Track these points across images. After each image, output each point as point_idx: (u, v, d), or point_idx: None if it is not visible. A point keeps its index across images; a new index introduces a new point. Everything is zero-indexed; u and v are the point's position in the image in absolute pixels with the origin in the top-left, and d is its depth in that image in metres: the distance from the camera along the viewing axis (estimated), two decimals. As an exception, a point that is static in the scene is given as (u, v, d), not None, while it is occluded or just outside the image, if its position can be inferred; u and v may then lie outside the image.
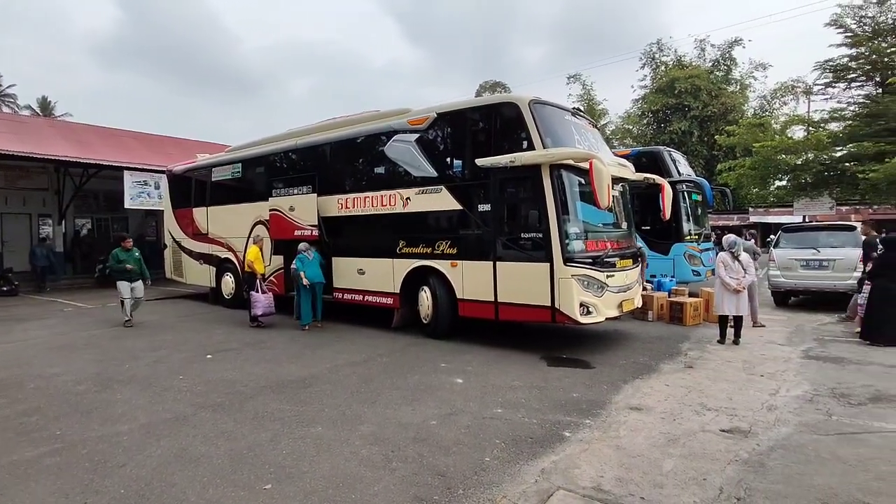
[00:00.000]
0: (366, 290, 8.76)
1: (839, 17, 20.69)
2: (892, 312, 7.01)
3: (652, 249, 11.49)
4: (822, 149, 20.10)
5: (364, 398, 5.16)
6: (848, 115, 20.66)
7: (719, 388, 5.45)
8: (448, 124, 7.70)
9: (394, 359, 6.76)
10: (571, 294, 6.38)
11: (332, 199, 9.14)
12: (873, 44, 19.80)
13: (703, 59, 42.29)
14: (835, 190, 21.26)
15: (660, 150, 12.18)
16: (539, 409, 4.81)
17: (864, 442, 3.97)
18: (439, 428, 4.36)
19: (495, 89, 52.97)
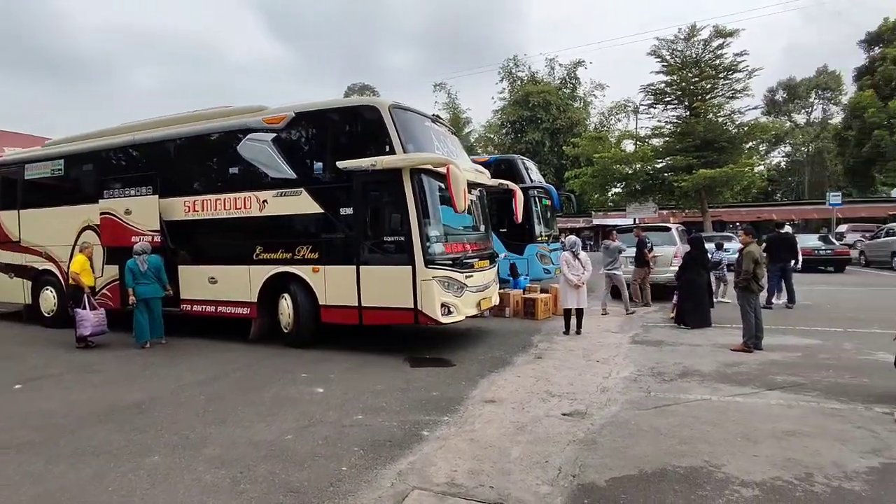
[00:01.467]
0: (219, 301, 8.08)
1: (657, 49, 24.16)
2: (697, 301, 8.36)
3: (508, 250, 12.31)
4: (647, 161, 23.33)
5: (212, 418, 4.75)
6: (665, 132, 24.20)
7: (563, 375, 6.01)
8: (307, 124, 7.44)
9: (249, 373, 6.33)
10: (433, 295, 6.56)
11: (177, 202, 8.28)
12: (682, 73, 23.45)
13: (552, 77, 46.57)
14: (657, 196, 24.76)
15: (514, 158, 13.13)
16: (400, 412, 4.85)
17: (673, 413, 4.66)
18: (295, 442, 4.17)
19: (364, 92, 52.66)
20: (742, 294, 6.87)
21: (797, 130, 45.17)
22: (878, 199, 33.58)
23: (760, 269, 6.83)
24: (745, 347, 6.76)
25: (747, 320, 6.80)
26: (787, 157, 48.27)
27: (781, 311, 9.86)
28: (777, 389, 5.22)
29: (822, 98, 43.95)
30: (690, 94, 23.77)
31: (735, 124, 23.25)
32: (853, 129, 21.97)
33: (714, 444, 3.92)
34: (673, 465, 3.59)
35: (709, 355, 6.69)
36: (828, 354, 6.58)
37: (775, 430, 4.14)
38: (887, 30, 22.02)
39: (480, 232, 8.21)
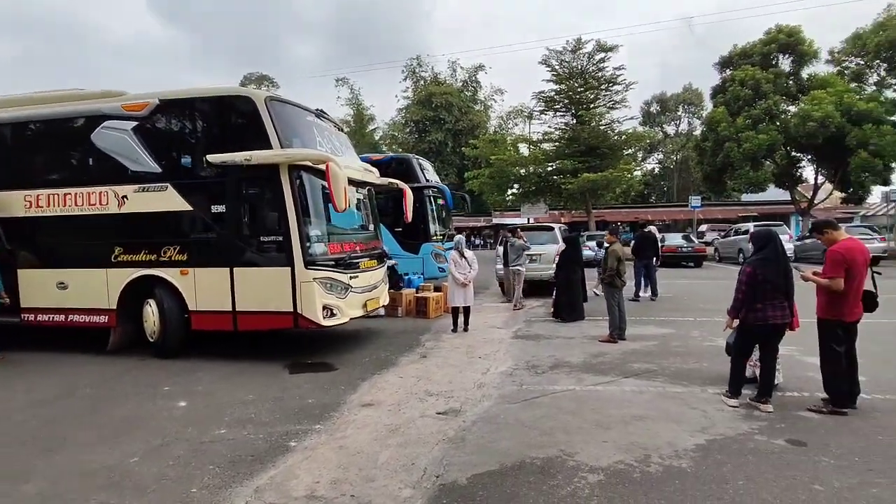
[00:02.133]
0: (70, 309, 7.15)
1: (547, 58, 25.54)
2: (572, 296, 8.94)
3: (403, 249, 12.31)
4: (538, 164, 24.61)
5: (41, 446, 4.17)
6: (554, 137, 25.68)
7: (444, 373, 6.10)
8: (174, 114, 6.84)
9: (102, 390, 5.67)
10: (313, 298, 6.33)
11: (15, 196, 7.20)
12: (569, 83, 25.01)
13: (455, 79, 47.49)
14: (547, 197, 26.22)
15: (409, 157, 13.14)
16: (268, 423, 4.61)
17: (539, 405, 4.91)
18: (141, 465, 3.79)
19: (261, 83, 49.92)
20: (607, 289, 7.46)
21: (667, 140, 50.34)
22: (731, 203, 38.51)
23: (623, 266, 7.46)
24: (610, 338, 7.34)
25: (612, 314, 7.39)
26: (660, 164, 53.58)
27: (646, 304, 10.88)
28: (633, 377, 5.72)
29: (688, 112, 49.38)
30: (576, 102, 25.44)
31: (614, 132, 25.27)
32: (709, 141, 24.92)
33: (571, 432, 4.18)
34: (531, 456, 3.76)
35: (579, 347, 7.17)
36: (678, 342, 7.35)
37: (625, 415, 4.52)
38: (736, 55, 25.25)
39: (368, 231, 8.09)
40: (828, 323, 4.44)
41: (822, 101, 21.31)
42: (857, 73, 24.20)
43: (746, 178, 23.72)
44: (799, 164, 26.37)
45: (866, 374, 5.21)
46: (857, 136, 21.00)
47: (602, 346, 7.16)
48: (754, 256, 4.59)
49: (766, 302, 4.44)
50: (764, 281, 4.42)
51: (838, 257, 4.29)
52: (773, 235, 4.59)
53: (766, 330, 4.50)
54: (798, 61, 24.61)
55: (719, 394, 4.91)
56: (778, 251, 4.51)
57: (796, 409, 4.54)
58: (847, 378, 4.45)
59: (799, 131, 21.73)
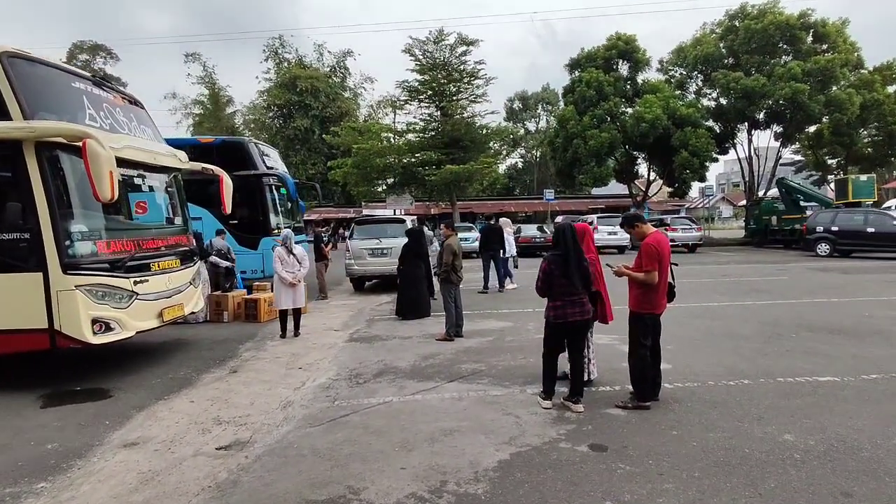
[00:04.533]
0: None
1: (410, 48, 25.14)
2: (414, 293, 8.53)
3: (240, 244, 11.00)
4: (402, 154, 24.19)
5: None
6: (418, 128, 25.45)
7: (249, 391, 5.23)
8: None
9: None
10: (76, 310, 5.04)
11: None
12: (432, 74, 24.89)
13: (322, 63, 45.15)
14: (413, 189, 25.98)
15: (245, 140, 11.75)
16: (-36, 489, 3.40)
17: (345, 425, 4.30)
18: None
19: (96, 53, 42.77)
20: (443, 285, 7.14)
21: (528, 136, 53.34)
22: (583, 196, 41.92)
23: (459, 260, 7.18)
24: (446, 337, 7.03)
25: (448, 311, 7.09)
26: (522, 159, 56.69)
27: (493, 295, 10.93)
28: (457, 380, 5.38)
29: (546, 110, 52.72)
30: (440, 94, 25.42)
31: (476, 126, 25.75)
32: (560, 138, 26.59)
33: (368, 460, 3.63)
34: (310, 500, 3.13)
35: (413, 348, 6.74)
36: (513, 336, 7.27)
37: (435, 431, 4.10)
38: (583, 58, 27.17)
39: (169, 225, 6.82)
40: (640, 316, 4.44)
41: (653, 105, 23.74)
42: (681, 82, 27.44)
43: (592, 173, 25.69)
44: (636, 161, 29.29)
45: (669, 361, 5.46)
46: (679, 138, 23.78)
47: (437, 346, 6.81)
48: (550, 252, 4.47)
49: (565, 299, 4.33)
50: (560, 276, 4.30)
51: (653, 250, 4.28)
52: (567, 231, 4.48)
53: (566, 328, 4.40)
54: (634, 67, 27.18)
55: (537, 394, 4.74)
56: (573, 245, 4.40)
57: (606, 406, 4.50)
58: (652, 370, 4.51)
59: (634, 131, 24.01)
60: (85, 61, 40.52)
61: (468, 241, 20.97)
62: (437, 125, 25.00)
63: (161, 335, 7.43)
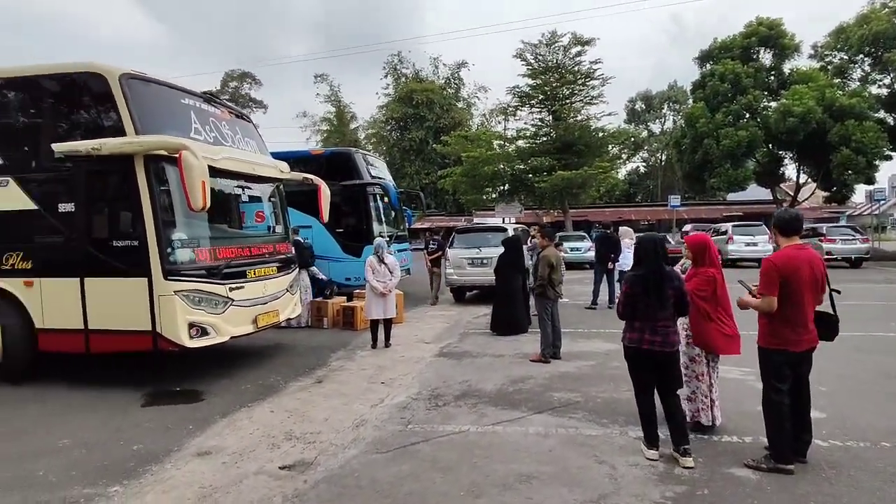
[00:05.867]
0: None
1: (522, 52, 24.58)
2: (509, 307, 7.94)
3: (345, 252, 11.29)
4: (510, 161, 23.64)
5: None
6: (529, 134, 24.74)
7: (327, 405, 5.07)
8: (15, 95, 5.77)
9: None
10: (174, 314, 5.28)
11: None
12: (544, 77, 24.07)
13: (437, 76, 46.46)
14: (522, 196, 25.28)
15: (351, 151, 12.09)
16: (53, 485, 3.56)
17: (412, 456, 3.89)
18: None
19: (244, 80, 48.57)
20: (538, 301, 6.46)
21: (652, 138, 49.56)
22: (716, 202, 37.73)
23: (557, 273, 6.46)
24: (541, 358, 6.35)
25: (543, 329, 6.40)
26: (645, 163, 52.83)
27: (603, 312, 9.90)
28: (547, 412, 4.71)
29: (672, 109, 48.60)
30: (552, 97, 24.49)
31: (591, 129, 24.33)
32: (687, 138, 24.03)
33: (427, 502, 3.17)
34: (352, 547, 2.74)
35: (503, 369, 6.16)
36: (620, 362, 6.17)
37: (510, 475, 3.51)
38: (716, 49, 24.37)
39: (268, 234, 7.05)
40: (767, 353, 3.46)
41: (804, 96, 20.47)
42: (840, 68, 23.40)
43: (726, 176, 22.81)
44: (781, 161, 25.54)
45: (824, 409, 4.27)
46: (839, 133, 20.18)
47: (530, 368, 6.16)
48: (631, 271, 3.66)
49: (646, 323, 3.52)
50: (643, 298, 3.54)
51: (771, 272, 3.32)
52: (651, 246, 3.62)
53: (641, 356, 3.59)
54: (779, 55, 23.79)
55: (640, 439, 3.91)
56: (654, 265, 3.56)
57: (731, 464, 3.56)
58: (794, 423, 3.47)
59: (779, 127, 20.87)
60: (234, 87, 46.03)
61: (579, 251, 19.76)
62: (549, 130, 24.08)
63: (263, 338, 7.70)
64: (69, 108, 5.64)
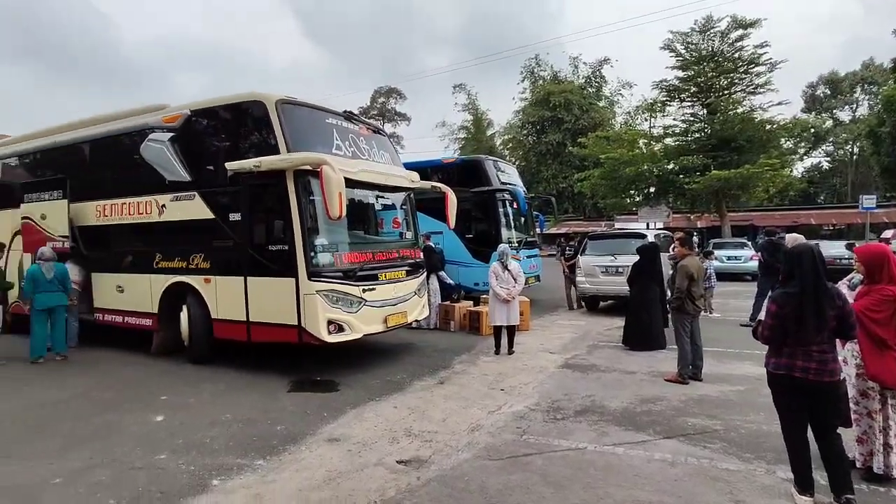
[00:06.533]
0: (125, 311, 7.66)
1: (670, 43, 22.70)
2: (644, 319, 7.34)
3: (474, 257, 11.49)
4: (656, 162, 21.90)
5: (7, 451, 4.22)
6: (678, 131, 22.70)
7: (445, 407, 5.20)
8: (201, 123, 6.92)
9: (112, 393, 5.80)
10: (316, 312, 5.88)
11: (89, 206, 7.93)
12: (697, 68, 21.92)
13: (576, 76, 45.13)
14: (669, 199, 23.25)
15: (481, 159, 12.25)
16: (216, 452, 4.19)
17: (526, 466, 3.81)
18: (56, 489, 3.59)
19: (390, 95, 52.57)
20: (675, 315, 5.87)
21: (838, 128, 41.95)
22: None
23: (697, 286, 5.80)
24: (678, 378, 5.76)
25: (682, 346, 5.79)
26: (829, 157, 44.96)
27: (761, 331, 8.63)
28: (677, 438, 4.26)
29: (868, 92, 40.64)
30: (706, 89, 22.19)
31: (755, 122, 21.47)
32: (887, 126, 19.84)
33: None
34: (451, 550, 2.77)
35: (632, 387, 5.72)
36: (776, 390, 5.48)
37: (626, 499, 3.26)
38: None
39: (399, 240, 7.48)
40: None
41: None
42: None
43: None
44: None
45: None
46: None
47: (663, 388, 5.63)
48: (780, 288, 3.06)
49: (797, 348, 2.93)
50: (794, 319, 2.99)
51: None
52: (808, 257, 3.00)
53: (788, 384, 3.04)
54: None
55: (789, 482, 3.33)
56: (812, 279, 2.94)
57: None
58: None
59: None
60: (382, 103, 49.80)
61: (738, 260, 17.57)
62: (703, 125, 21.84)
63: (394, 337, 8.19)
64: (238, 132, 6.62)
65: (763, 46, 21.21)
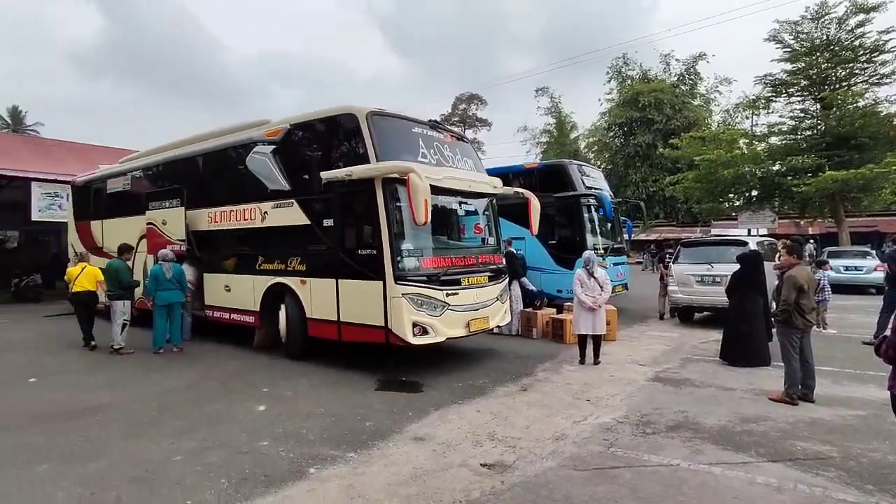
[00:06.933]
0: (232, 308, 8.40)
1: (777, 33, 20.92)
2: (744, 332, 6.79)
3: (557, 264, 11.29)
4: (759, 163, 20.21)
5: (136, 430, 4.79)
6: (785, 129, 20.83)
7: (528, 414, 5.16)
8: (299, 136, 7.43)
9: (220, 383, 6.37)
10: (402, 314, 6.09)
11: (202, 213, 8.81)
12: (809, 59, 20.01)
13: (668, 74, 42.91)
14: (774, 203, 21.34)
15: (565, 163, 12.00)
16: (311, 442, 4.48)
17: (613, 479, 3.69)
18: (177, 465, 4.01)
19: (471, 101, 53.02)
20: (782, 329, 5.38)
21: None
22: None
23: (807, 298, 5.28)
24: (785, 398, 5.27)
25: (789, 363, 5.30)
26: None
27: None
28: (784, 462, 3.91)
29: None
30: (820, 82, 20.14)
31: (880, 116, 19.11)
32: None
33: (620, 534, 2.97)
34: (536, 557, 2.76)
35: (731, 404, 5.33)
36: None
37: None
38: None
39: (482, 245, 7.53)
40: None
41: None
42: None
43: None
44: None
45: None
46: None
47: (767, 407, 5.19)
48: None
49: None
50: None
51: None
52: None
53: None
54: None
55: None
56: None
57: None
58: None
59: None
60: (463, 109, 50.35)
61: (859, 271, 15.75)
62: (815, 121, 19.84)
63: (477, 342, 8.24)
64: (331, 142, 7.04)
65: (889, 32, 18.88)
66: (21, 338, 9.53)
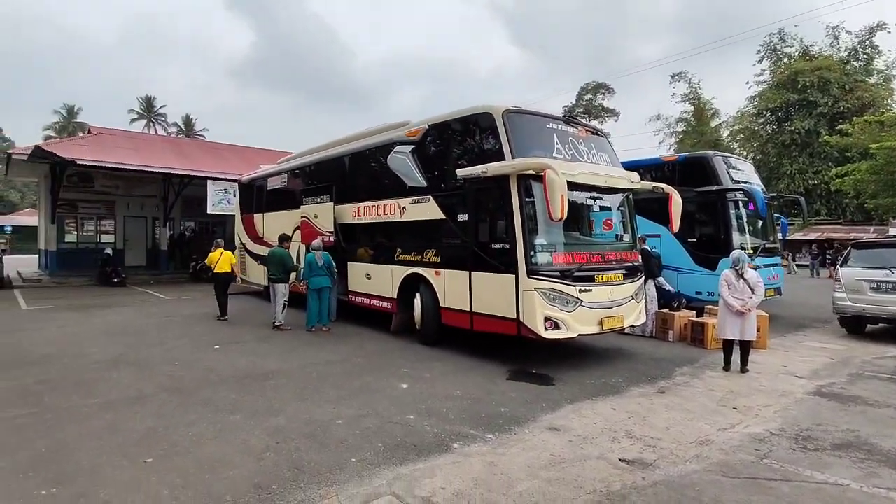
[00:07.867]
0: (372, 295, 9.18)
1: None
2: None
3: (697, 264, 10.56)
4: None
5: (303, 394, 5.53)
6: None
7: (667, 416, 5.00)
8: (437, 135, 7.87)
9: (366, 361, 7.06)
10: (534, 308, 6.21)
11: (347, 208, 9.73)
12: None
13: (836, 49, 37.34)
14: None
15: (708, 156, 11.08)
16: (452, 420, 4.82)
17: (766, 491, 3.48)
18: (340, 427, 4.58)
19: (597, 91, 50.84)
20: None
21: None
22: None
23: None
24: None
25: None
26: None
27: None
28: None
29: None
30: None
31: None
32: None
33: (780, 546, 2.82)
34: (687, 554, 2.74)
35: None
36: None
37: (912, 555, 2.73)
38: None
39: (617, 242, 7.34)
40: None
41: None
42: None
43: None
44: None
45: None
46: None
47: (968, 436, 4.43)
48: None
49: None
50: None
51: None
52: None
53: None
54: None
55: None
56: None
57: None
58: None
59: None
60: (588, 99, 48.51)
61: None
62: None
63: (607, 341, 8.09)
64: (467, 140, 7.36)
65: None
66: (202, 312, 11.33)
